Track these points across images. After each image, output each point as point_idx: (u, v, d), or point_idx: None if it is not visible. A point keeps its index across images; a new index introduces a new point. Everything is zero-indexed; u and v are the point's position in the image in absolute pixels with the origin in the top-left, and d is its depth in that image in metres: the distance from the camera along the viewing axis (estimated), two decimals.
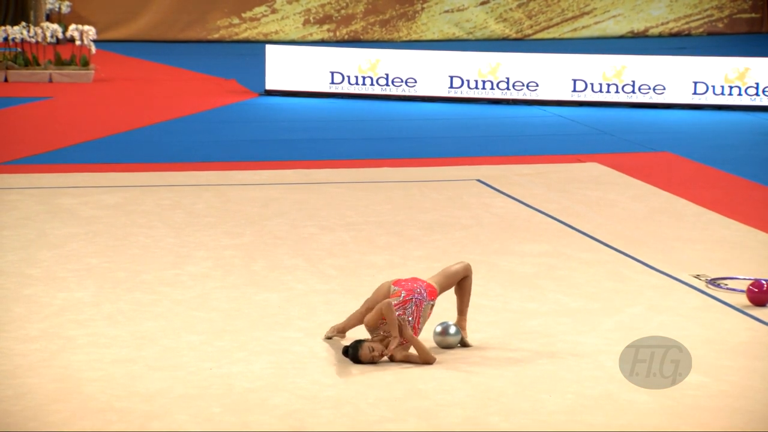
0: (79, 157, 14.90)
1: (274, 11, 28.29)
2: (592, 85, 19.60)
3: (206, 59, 24.99)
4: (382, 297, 8.10)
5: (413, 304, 8.05)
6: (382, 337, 7.96)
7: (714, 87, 19.39)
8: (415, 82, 19.86)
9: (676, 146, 16.24)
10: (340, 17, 28.46)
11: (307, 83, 19.98)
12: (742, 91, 19.37)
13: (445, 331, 8.26)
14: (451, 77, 19.80)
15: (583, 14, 29.29)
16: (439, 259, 10.46)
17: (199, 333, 8.44)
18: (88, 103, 19.06)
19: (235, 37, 28.09)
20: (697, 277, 10.00)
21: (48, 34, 20.86)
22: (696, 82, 19.46)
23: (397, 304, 7.96)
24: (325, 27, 28.42)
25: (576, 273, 10.13)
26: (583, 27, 29.30)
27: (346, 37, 28.35)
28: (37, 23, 23.16)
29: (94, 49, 20.98)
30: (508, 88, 19.73)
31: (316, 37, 28.31)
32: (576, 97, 19.64)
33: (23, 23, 21.32)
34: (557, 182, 13.71)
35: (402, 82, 19.88)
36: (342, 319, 8.51)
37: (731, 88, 19.38)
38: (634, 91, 19.54)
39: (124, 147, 15.66)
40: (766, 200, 13.27)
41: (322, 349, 8.18)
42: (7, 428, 6.85)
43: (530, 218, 12.02)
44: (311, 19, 28.40)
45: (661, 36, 29.50)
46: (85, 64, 21.06)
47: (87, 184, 13.17)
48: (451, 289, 8.40)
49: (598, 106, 19.49)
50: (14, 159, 14.62)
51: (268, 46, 20.33)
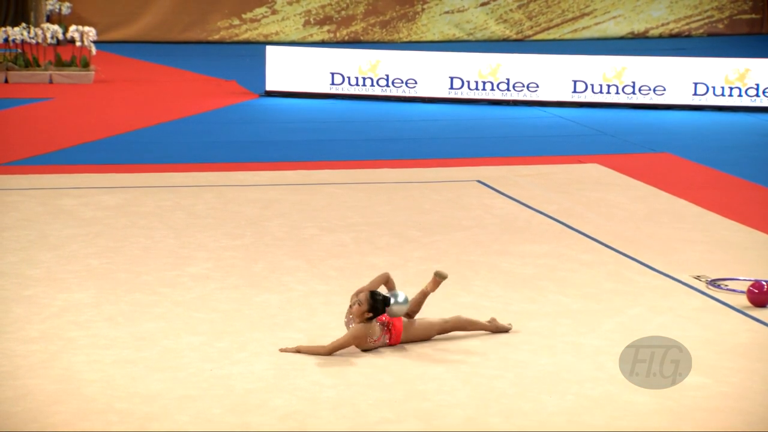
0: (80, 158, 14.90)
1: (275, 12, 28.29)
2: (593, 86, 19.60)
3: (206, 60, 24.99)
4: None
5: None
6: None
7: (714, 88, 19.39)
8: (416, 83, 19.86)
9: (677, 147, 16.24)
10: (340, 18, 28.47)
11: (307, 84, 19.98)
12: (743, 92, 19.37)
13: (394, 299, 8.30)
14: (452, 78, 19.81)
15: (584, 15, 29.30)
16: (439, 260, 10.47)
17: (199, 334, 8.44)
18: (89, 104, 19.06)
19: (236, 38, 28.09)
20: (698, 278, 10.00)
21: (48, 35, 20.87)
22: (696, 83, 19.46)
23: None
24: (326, 28, 28.43)
25: (576, 274, 10.13)
26: (584, 28, 29.30)
27: (347, 38, 28.36)
28: (37, 24, 23.18)
29: (94, 50, 20.99)
30: (508, 89, 19.73)
31: (317, 38, 28.31)
32: (576, 98, 19.64)
33: (24, 24, 21.33)
34: (558, 183, 13.70)
35: (402, 83, 19.88)
36: (341, 318, 8.51)
37: (731, 89, 19.38)
38: (634, 92, 19.54)
39: (124, 148, 15.66)
40: (766, 201, 13.26)
41: None
42: (8, 430, 6.85)
43: (531, 219, 12.02)
44: (311, 20, 28.40)
45: (661, 37, 29.50)
46: (86, 65, 21.06)
47: (87, 185, 13.17)
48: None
49: (598, 107, 19.50)
50: (15, 160, 14.62)
51: (269, 47, 20.34)
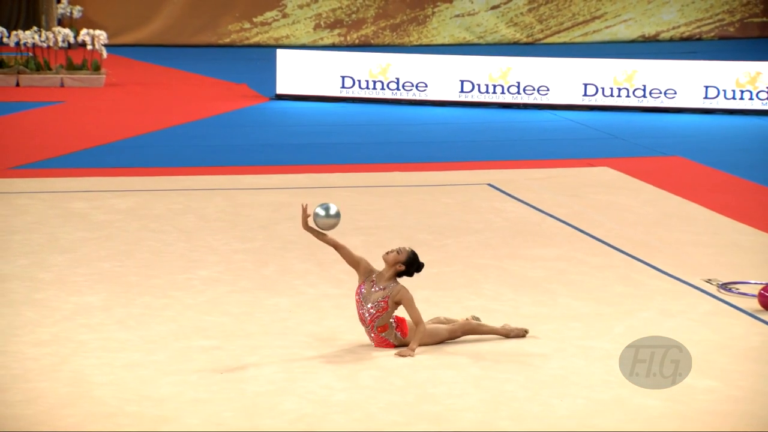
0: (91, 161, 14.92)
1: (285, 16, 28.32)
2: (603, 89, 19.58)
3: (217, 63, 25.02)
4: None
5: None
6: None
7: (725, 91, 19.36)
8: (426, 86, 19.86)
9: (687, 150, 16.22)
10: (350, 21, 28.48)
11: (317, 87, 19.99)
12: (754, 96, 19.34)
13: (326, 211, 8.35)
14: (462, 81, 19.81)
15: (594, 18, 29.27)
16: (449, 263, 10.46)
17: (210, 337, 8.45)
18: (100, 108, 19.09)
19: (246, 42, 28.12)
20: (709, 281, 9.98)
21: (59, 39, 20.91)
22: (707, 87, 19.43)
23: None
24: (336, 31, 28.44)
25: (587, 277, 10.12)
26: (594, 31, 29.28)
27: (357, 42, 28.37)
28: (48, 28, 23.23)
29: (105, 54, 21.02)
30: (518, 93, 19.72)
31: (327, 41, 28.32)
32: (587, 102, 19.62)
33: (35, 28, 21.38)
34: (568, 186, 13.69)
35: (413, 86, 19.89)
36: (351, 322, 8.51)
37: (742, 92, 19.35)
38: (645, 96, 19.52)
39: (135, 151, 15.69)
40: None
41: (332, 354, 8.18)
42: None
43: (541, 222, 12.01)
44: (322, 23, 28.42)
45: (672, 40, 29.46)
46: (97, 69, 21.10)
47: (98, 188, 13.19)
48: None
49: (609, 111, 19.48)
50: (26, 163, 14.64)
51: (279, 51, 20.36)
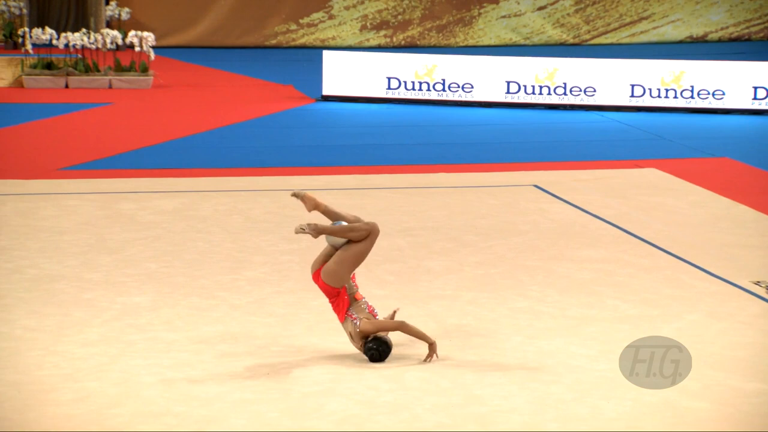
0: (138, 162, 15.01)
1: (332, 17, 28.37)
2: (651, 90, 19.48)
3: (264, 65, 25.10)
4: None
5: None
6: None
7: None
8: (472, 87, 19.83)
9: (736, 152, 16.10)
10: (397, 23, 28.49)
11: (363, 89, 20.01)
12: None
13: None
14: (508, 83, 19.76)
15: (642, 19, 29.12)
16: (496, 265, 10.44)
17: (256, 338, 8.47)
18: (147, 109, 19.21)
19: (293, 43, 28.19)
20: (758, 283, 9.90)
21: (108, 41, 21.06)
22: (756, 87, 19.27)
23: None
24: (382, 32, 28.46)
25: (634, 279, 10.06)
26: (642, 32, 29.12)
27: (403, 43, 28.36)
28: (97, 30, 23.40)
29: (153, 56, 21.15)
30: (565, 94, 19.65)
31: (373, 42, 28.35)
32: (634, 103, 19.52)
33: (83, 30, 21.54)
34: (615, 188, 13.63)
35: (459, 87, 19.86)
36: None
37: None
38: (692, 97, 19.39)
39: (182, 152, 15.77)
40: None
41: None
42: (69, 431, 6.92)
43: (588, 224, 11.96)
44: (368, 24, 28.44)
45: (720, 41, 29.26)
46: (145, 70, 21.23)
47: (146, 189, 13.27)
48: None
49: (656, 112, 19.37)
50: (75, 164, 14.75)
51: (325, 52, 20.40)
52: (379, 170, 14.65)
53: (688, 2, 29.13)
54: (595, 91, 19.57)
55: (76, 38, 20.94)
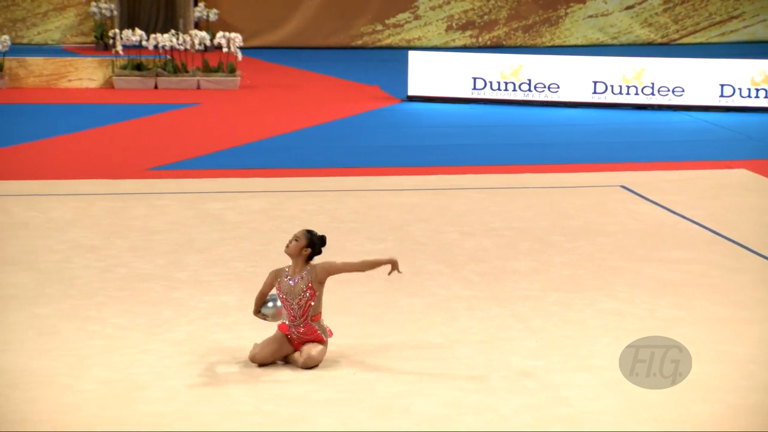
0: (226, 162, 15.14)
1: (417, 18, 28.38)
2: (740, 90, 19.22)
3: (350, 65, 25.18)
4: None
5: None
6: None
7: None
8: (558, 87, 19.73)
9: None
10: (482, 23, 28.42)
11: (449, 89, 19.99)
12: None
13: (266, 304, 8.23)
14: (595, 83, 19.62)
15: (732, 18, 28.74)
16: (583, 265, 10.38)
17: (342, 337, 8.50)
18: (235, 110, 19.37)
19: (378, 44, 28.25)
20: None
21: (196, 42, 21.27)
22: None
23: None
24: (468, 33, 28.41)
25: (724, 281, 9.95)
26: (732, 31, 28.75)
27: (489, 43, 28.29)
28: (185, 31, 23.65)
29: (240, 56, 21.31)
30: (653, 94, 19.47)
31: (459, 43, 28.31)
32: (723, 103, 19.29)
33: (172, 31, 21.78)
34: (704, 189, 13.48)
35: (545, 87, 19.77)
36: (484, 323, 8.48)
37: None
38: None
39: (269, 152, 15.87)
40: None
41: (465, 355, 8.17)
42: (158, 429, 7.00)
43: (676, 225, 11.85)
44: (454, 25, 28.41)
45: None
46: (232, 71, 21.41)
47: (233, 189, 13.38)
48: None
49: (746, 112, 19.12)
50: (164, 164, 14.92)
51: (411, 52, 20.41)
52: (465, 170, 14.63)
53: None
54: (683, 91, 19.37)
55: (165, 39, 21.17)
